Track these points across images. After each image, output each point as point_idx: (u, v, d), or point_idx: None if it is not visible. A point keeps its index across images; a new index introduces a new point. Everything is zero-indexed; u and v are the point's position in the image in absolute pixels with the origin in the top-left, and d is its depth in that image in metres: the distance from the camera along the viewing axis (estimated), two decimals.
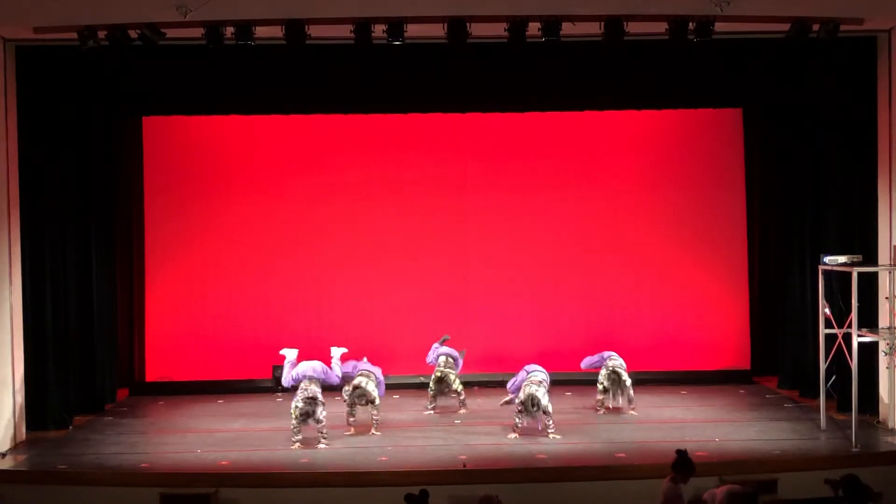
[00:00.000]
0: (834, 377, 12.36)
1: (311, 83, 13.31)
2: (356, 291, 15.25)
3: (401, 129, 15.23)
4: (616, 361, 13.05)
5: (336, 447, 11.57)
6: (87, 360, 13.53)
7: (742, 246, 15.52)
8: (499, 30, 11.43)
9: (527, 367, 12.36)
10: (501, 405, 12.63)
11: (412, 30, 11.39)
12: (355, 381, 12.18)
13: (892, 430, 11.92)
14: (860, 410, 11.47)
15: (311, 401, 11.48)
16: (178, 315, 15.20)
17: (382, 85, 13.25)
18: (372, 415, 12.12)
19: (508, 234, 15.39)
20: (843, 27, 11.51)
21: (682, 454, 8.34)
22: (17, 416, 12.05)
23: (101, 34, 11.22)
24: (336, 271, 15.29)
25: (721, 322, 15.46)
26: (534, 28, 11.40)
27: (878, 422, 12.25)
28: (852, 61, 12.63)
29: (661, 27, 11.47)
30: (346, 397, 12.33)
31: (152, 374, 15.19)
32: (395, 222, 15.35)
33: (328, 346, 12.70)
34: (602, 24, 11.33)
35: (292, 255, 15.30)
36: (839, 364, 11.91)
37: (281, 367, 14.88)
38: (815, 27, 11.38)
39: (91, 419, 13.29)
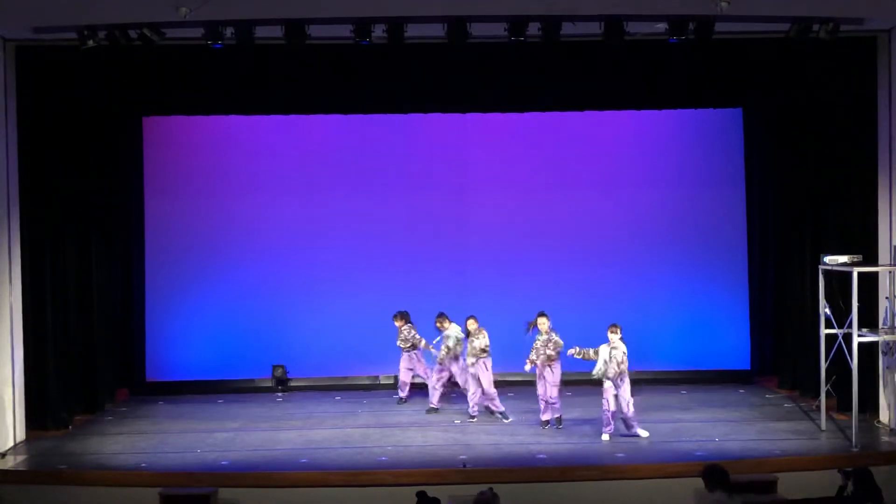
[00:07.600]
0: (834, 377, 12.35)
1: (311, 83, 13.30)
2: (356, 291, 15.22)
3: (401, 130, 15.21)
4: None
5: (336, 447, 11.57)
6: (87, 360, 13.52)
7: (742, 246, 15.50)
8: (499, 30, 11.43)
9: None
10: None
11: (412, 30, 11.39)
12: None
13: (892, 430, 11.93)
14: (860, 410, 11.48)
15: None
16: (178, 315, 15.19)
17: (382, 85, 13.23)
18: None
19: (508, 234, 15.36)
20: (843, 27, 11.51)
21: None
22: (16, 416, 12.05)
23: (101, 34, 11.22)
24: (336, 271, 15.26)
25: (721, 322, 15.44)
26: (534, 28, 11.39)
27: (879, 422, 12.26)
28: (852, 61, 12.63)
29: (662, 27, 11.47)
30: None
31: (152, 374, 15.18)
32: (395, 222, 15.31)
33: (329, 345, 12.68)
34: (602, 24, 11.33)
35: (292, 254, 15.28)
36: (839, 364, 11.90)
37: (281, 367, 14.97)
38: (815, 27, 11.39)
39: (91, 419, 13.30)
